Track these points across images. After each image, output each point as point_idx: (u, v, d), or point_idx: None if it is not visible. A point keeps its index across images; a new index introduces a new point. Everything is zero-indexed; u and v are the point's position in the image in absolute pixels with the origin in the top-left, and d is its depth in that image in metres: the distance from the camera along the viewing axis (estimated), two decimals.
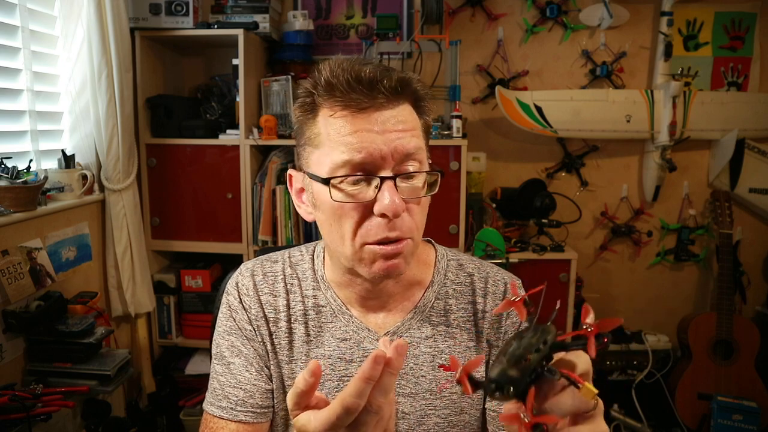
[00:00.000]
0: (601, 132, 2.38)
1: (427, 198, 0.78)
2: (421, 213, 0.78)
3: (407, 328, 0.86)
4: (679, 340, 2.40)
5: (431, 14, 2.23)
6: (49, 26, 1.87)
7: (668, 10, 2.28)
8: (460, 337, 0.86)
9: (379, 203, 0.71)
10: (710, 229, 2.51)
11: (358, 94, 0.71)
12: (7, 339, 1.54)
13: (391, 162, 0.72)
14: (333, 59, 0.75)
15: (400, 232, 0.74)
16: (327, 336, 0.86)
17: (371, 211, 0.73)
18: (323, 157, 0.74)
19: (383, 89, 0.71)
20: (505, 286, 0.90)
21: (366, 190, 0.73)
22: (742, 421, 2.12)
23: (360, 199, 0.73)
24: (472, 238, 2.20)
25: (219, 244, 2.23)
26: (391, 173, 0.72)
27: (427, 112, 0.80)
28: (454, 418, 0.85)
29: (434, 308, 0.87)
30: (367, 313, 0.87)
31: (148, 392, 2.23)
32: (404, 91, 0.74)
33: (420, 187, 0.76)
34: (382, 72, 0.72)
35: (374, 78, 0.71)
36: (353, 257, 0.77)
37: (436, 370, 0.85)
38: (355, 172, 0.72)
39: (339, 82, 0.71)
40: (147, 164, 2.20)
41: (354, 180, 0.72)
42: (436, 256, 0.91)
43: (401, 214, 0.72)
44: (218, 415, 0.85)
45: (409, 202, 0.74)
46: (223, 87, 2.31)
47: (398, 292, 0.86)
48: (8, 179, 1.55)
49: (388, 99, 0.72)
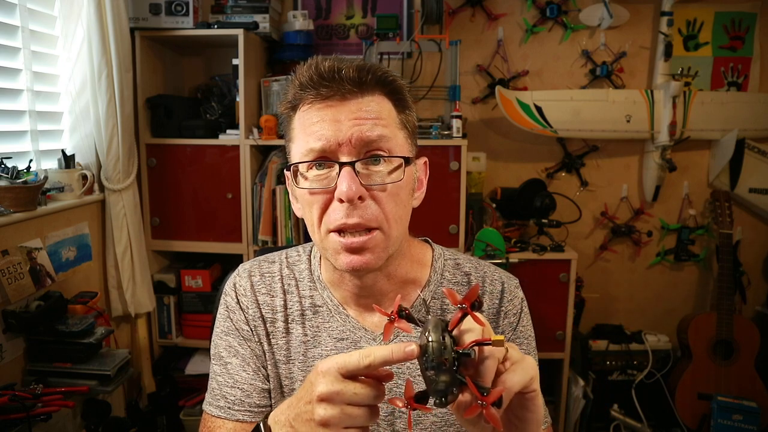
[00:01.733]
0: (601, 132, 2.38)
1: (399, 187, 0.76)
2: (392, 202, 0.76)
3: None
4: (679, 340, 2.40)
5: (431, 14, 2.23)
6: (49, 26, 1.87)
7: (668, 10, 2.28)
8: None
9: (338, 189, 0.73)
10: (710, 229, 2.51)
11: (323, 87, 0.74)
12: (7, 339, 1.54)
13: (350, 149, 0.73)
14: (307, 60, 0.78)
15: (361, 220, 0.74)
16: (324, 336, 0.86)
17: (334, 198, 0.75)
18: (296, 148, 0.78)
19: (343, 79, 0.74)
20: (503, 286, 0.89)
21: (329, 177, 0.75)
22: (742, 421, 2.12)
23: (323, 186, 0.75)
24: (472, 238, 2.20)
25: (219, 244, 2.23)
26: (349, 159, 0.73)
27: (408, 106, 0.81)
28: (451, 418, 0.85)
29: (431, 308, 0.87)
30: (363, 312, 0.87)
31: (148, 392, 2.23)
32: (365, 78, 0.75)
33: (385, 174, 0.76)
34: (341, 63, 0.75)
35: (333, 68, 0.74)
36: (321, 246, 0.79)
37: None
38: (315, 159, 0.75)
39: (306, 78, 0.75)
40: (147, 164, 2.20)
41: (316, 166, 0.75)
42: (432, 256, 0.91)
43: (364, 200, 0.73)
44: (216, 414, 0.85)
45: (371, 189, 0.74)
46: (223, 87, 2.31)
47: (392, 290, 0.86)
48: (8, 179, 1.55)
49: (353, 90, 0.74)
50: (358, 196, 0.72)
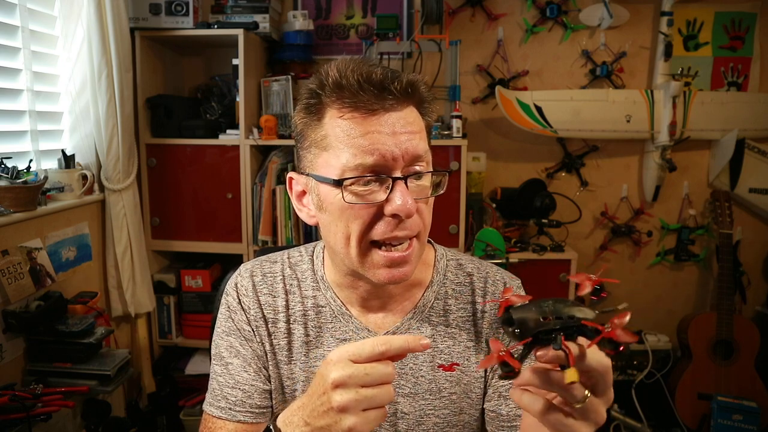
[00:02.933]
0: (601, 132, 2.38)
1: (432, 198, 0.79)
2: (429, 213, 0.79)
3: (407, 328, 0.86)
4: (679, 340, 2.40)
5: (431, 14, 2.23)
6: (49, 26, 1.87)
7: (668, 10, 2.28)
8: (460, 337, 0.86)
9: (390, 204, 0.72)
10: (710, 229, 2.51)
11: (368, 95, 0.71)
12: (7, 339, 1.54)
13: (401, 164, 0.72)
14: (339, 60, 0.75)
15: (410, 232, 0.75)
16: (327, 336, 0.86)
17: (381, 212, 0.73)
18: (332, 159, 0.73)
19: (393, 91, 0.71)
20: (505, 287, 0.90)
21: (377, 191, 0.73)
22: (742, 421, 2.12)
23: (371, 201, 0.73)
24: (472, 238, 2.20)
25: (219, 244, 2.23)
26: (401, 174, 0.72)
27: (430, 113, 0.80)
28: (454, 418, 0.85)
29: (434, 308, 0.87)
30: (366, 313, 0.87)
31: (148, 392, 2.23)
32: (413, 93, 0.74)
33: (428, 187, 0.77)
34: (392, 74, 0.72)
35: (385, 80, 0.71)
36: (358, 259, 0.76)
37: (435, 371, 0.85)
38: (366, 173, 0.72)
39: (349, 83, 0.71)
40: (147, 164, 2.20)
41: (364, 181, 0.72)
42: (435, 256, 0.91)
43: (413, 214, 0.73)
44: (217, 415, 0.85)
45: (418, 201, 0.75)
46: (223, 87, 2.31)
47: (399, 293, 0.86)
48: (8, 179, 1.55)
49: (397, 101, 0.72)
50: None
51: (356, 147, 0.71)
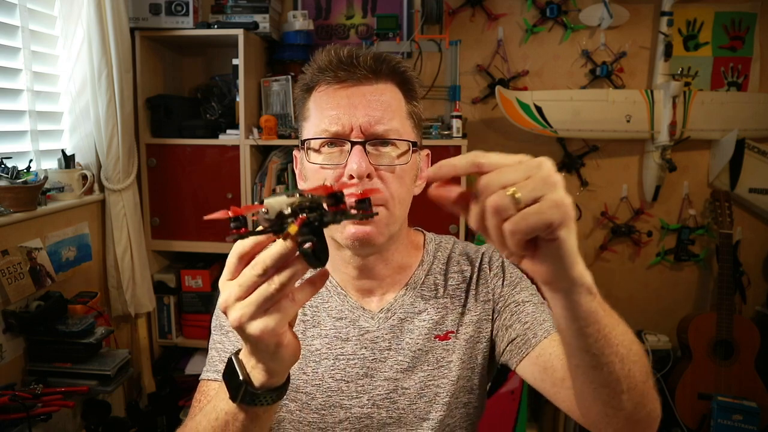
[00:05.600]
0: (601, 132, 2.38)
1: (404, 170, 0.81)
2: (397, 183, 0.80)
3: (401, 305, 0.89)
4: (679, 340, 2.40)
5: (431, 14, 2.23)
6: (49, 26, 1.87)
7: (668, 10, 2.28)
8: (452, 305, 0.90)
9: (348, 166, 0.77)
10: (710, 229, 2.51)
11: (341, 70, 0.80)
12: (7, 339, 1.54)
13: (360, 134, 0.78)
14: (327, 46, 0.83)
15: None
16: (323, 315, 0.89)
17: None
18: (310, 128, 0.82)
19: (360, 64, 0.79)
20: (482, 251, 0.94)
21: (340, 155, 0.79)
22: (742, 421, 2.12)
23: (334, 162, 0.79)
24: (472, 237, 2.20)
25: (219, 244, 2.23)
26: (361, 139, 0.78)
27: (416, 98, 0.86)
28: (452, 387, 0.87)
29: (425, 284, 0.91)
30: (362, 297, 0.90)
31: (148, 392, 2.23)
32: (381, 67, 0.81)
33: (394, 157, 0.80)
34: (360, 50, 0.81)
35: (352, 55, 0.80)
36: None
37: (432, 342, 0.87)
38: (329, 137, 0.79)
39: (325, 61, 0.81)
40: (147, 164, 2.20)
41: (328, 144, 0.80)
42: (425, 240, 0.97)
43: (372, 178, 0.77)
44: (214, 378, 0.84)
45: (379, 169, 0.79)
46: (223, 87, 2.31)
47: (389, 275, 0.89)
48: (8, 179, 1.55)
49: (368, 76, 0.80)
50: (367, 174, 0.76)
51: (325, 115, 0.80)
